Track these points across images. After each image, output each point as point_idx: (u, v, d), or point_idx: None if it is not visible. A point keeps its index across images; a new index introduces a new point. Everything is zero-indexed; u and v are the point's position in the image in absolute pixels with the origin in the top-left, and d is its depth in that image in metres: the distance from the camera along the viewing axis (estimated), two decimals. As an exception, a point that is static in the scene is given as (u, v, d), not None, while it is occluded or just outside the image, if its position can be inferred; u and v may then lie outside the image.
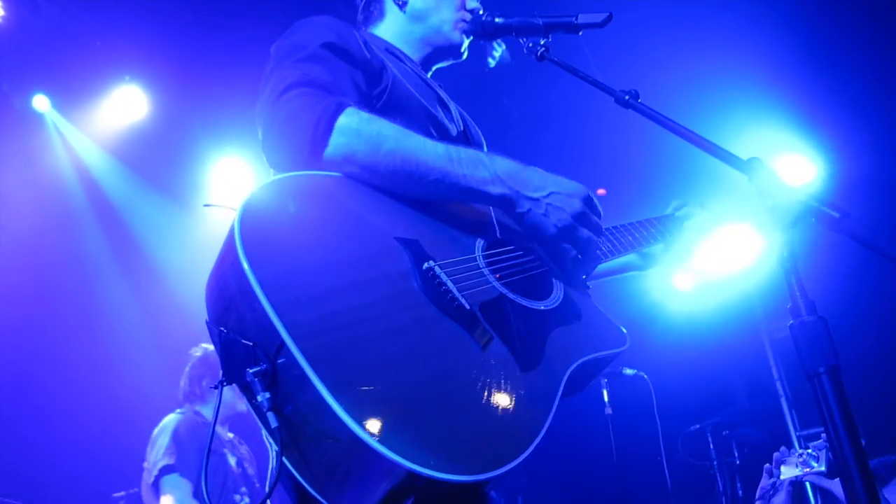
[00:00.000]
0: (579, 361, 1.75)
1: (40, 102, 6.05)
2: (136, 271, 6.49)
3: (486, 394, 1.49)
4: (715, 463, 5.99)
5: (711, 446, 6.08)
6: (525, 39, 2.19)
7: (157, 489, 4.27)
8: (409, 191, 1.79)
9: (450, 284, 1.64)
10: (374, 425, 1.29)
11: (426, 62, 2.41)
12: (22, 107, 6.03)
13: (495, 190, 1.82)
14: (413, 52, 2.37)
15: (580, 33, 2.09)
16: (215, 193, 6.60)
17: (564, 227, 1.86)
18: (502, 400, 1.51)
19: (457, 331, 1.57)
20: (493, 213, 2.02)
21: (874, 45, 5.90)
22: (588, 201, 1.91)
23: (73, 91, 6.15)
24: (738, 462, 5.97)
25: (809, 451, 3.25)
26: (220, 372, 1.49)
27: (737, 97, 5.93)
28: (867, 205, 6.27)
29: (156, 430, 4.55)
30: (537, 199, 1.85)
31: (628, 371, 5.32)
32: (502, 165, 1.85)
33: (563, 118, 6.57)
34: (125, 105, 6.30)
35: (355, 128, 1.73)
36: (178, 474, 4.25)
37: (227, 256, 1.46)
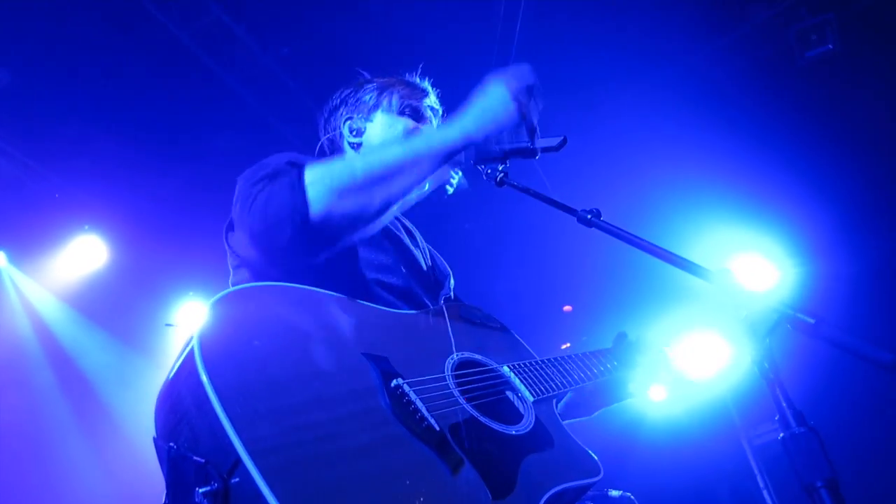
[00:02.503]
0: (553, 491, 1.68)
1: (-4, 258, 5.98)
2: (95, 422, 6.23)
3: None
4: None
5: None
6: (483, 167, 2.22)
7: None
8: (403, 184, 1.81)
9: (419, 404, 1.58)
10: None
11: None
12: (-23, 263, 5.95)
13: (454, 132, 1.90)
14: None
15: (537, 157, 2.13)
16: (178, 337, 6.48)
17: (516, 95, 1.96)
18: None
19: (426, 453, 1.50)
20: (465, 328, 2.01)
21: (833, 140, 6.15)
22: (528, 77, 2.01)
23: (31, 243, 6.11)
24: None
25: None
26: (164, 495, 1.39)
27: (697, 202, 6.09)
28: (840, 299, 6.38)
29: None
30: (490, 93, 1.94)
31: (614, 493, 5.14)
32: (451, 120, 1.95)
33: (524, 238, 6.68)
34: (84, 254, 6.26)
35: (321, 173, 1.73)
36: None
37: (184, 368, 1.38)
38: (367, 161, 1.81)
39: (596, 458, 1.90)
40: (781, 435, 1.33)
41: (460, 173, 2.38)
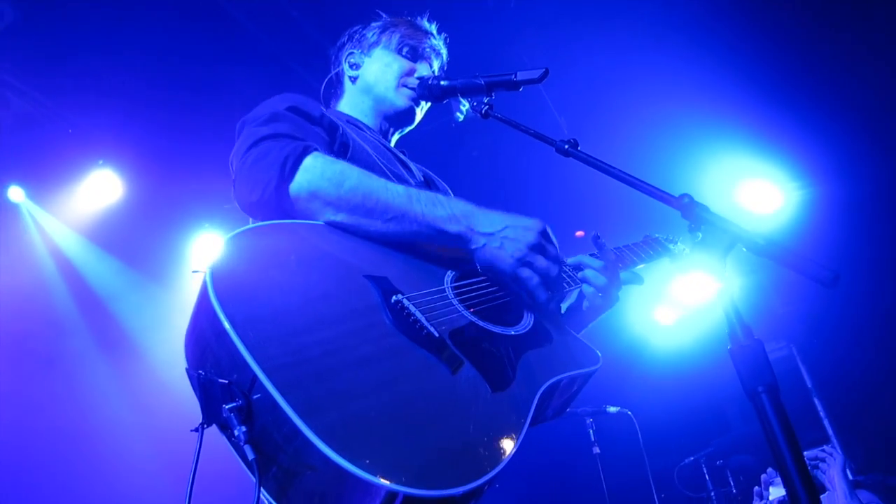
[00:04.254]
0: (552, 380, 1.79)
1: (15, 194, 6.12)
2: (118, 351, 6.47)
3: (457, 413, 1.54)
4: (712, 494, 5.98)
5: (707, 477, 6.07)
6: (470, 99, 2.30)
7: None
8: (371, 228, 1.89)
9: (418, 315, 1.70)
10: (346, 448, 1.33)
11: (384, 131, 2.55)
12: (-3, 199, 6.11)
13: (452, 228, 1.90)
14: (371, 122, 2.52)
15: (520, 89, 2.20)
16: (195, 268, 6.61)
17: (520, 259, 1.89)
18: (474, 419, 1.55)
19: (427, 357, 1.63)
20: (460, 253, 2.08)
21: (832, 69, 6.09)
22: (544, 234, 1.95)
23: (47, 179, 6.25)
24: (734, 491, 5.96)
25: None
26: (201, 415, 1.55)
27: (702, 132, 6.10)
28: (837, 226, 6.43)
29: None
30: (491, 234, 1.91)
31: (612, 409, 5.34)
32: (459, 206, 1.93)
33: (530, 164, 6.71)
34: (100, 189, 6.39)
35: (320, 166, 1.88)
36: None
37: (201, 304, 1.54)
38: (357, 185, 1.88)
39: (596, 350, 2.00)
40: (729, 347, 1.44)
41: (468, 104, 2.43)
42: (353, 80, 2.62)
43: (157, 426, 5.26)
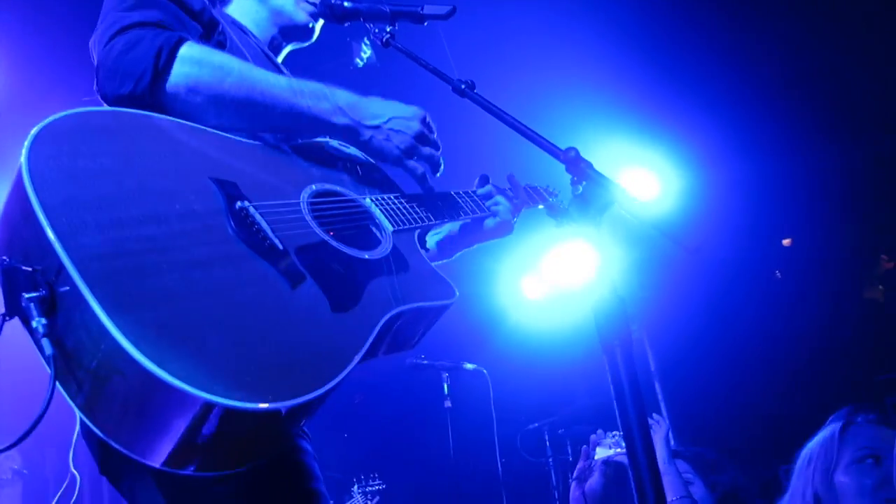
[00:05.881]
0: (399, 308, 1.71)
1: None
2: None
3: (289, 328, 1.45)
4: (550, 460, 6.26)
5: (548, 444, 6.34)
6: (372, 25, 2.22)
7: None
8: (255, 123, 1.81)
9: (263, 224, 1.58)
10: (159, 352, 1.21)
11: (274, 44, 2.40)
12: None
13: (339, 120, 1.91)
14: (260, 33, 2.35)
15: (425, 24, 2.15)
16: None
17: (407, 148, 1.99)
18: (306, 335, 1.47)
19: (266, 269, 1.51)
20: (330, 161, 2.01)
21: (720, 51, 6.35)
22: (425, 122, 2.04)
23: None
24: (571, 458, 6.25)
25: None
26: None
27: (583, 108, 6.21)
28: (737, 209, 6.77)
29: None
30: (378, 126, 1.96)
31: (469, 366, 5.46)
32: (343, 97, 1.93)
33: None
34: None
35: (198, 57, 1.72)
36: None
37: (16, 181, 1.37)
38: (241, 78, 1.77)
39: (453, 284, 1.92)
40: (593, 300, 1.47)
41: (370, 50, 2.36)
42: None
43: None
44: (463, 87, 1.92)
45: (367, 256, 1.79)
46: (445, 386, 5.39)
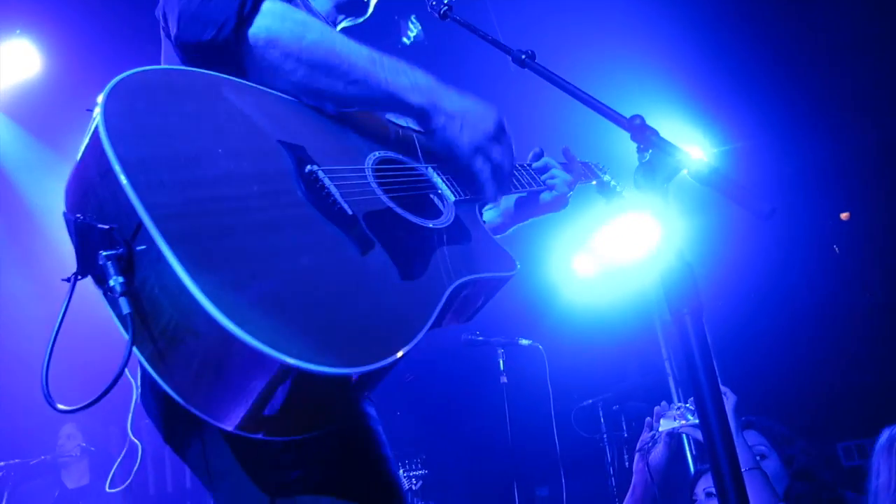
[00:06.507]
0: (464, 279, 1.69)
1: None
2: (29, 242, 6.16)
3: (361, 295, 1.44)
4: (605, 436, 6.24)
5: (602, 420, 6.32)
6: None
7: None
8: (329, 88, 1.75)
9: (332, 189, 1.57)
10: (238, 313, 1.20)
11: (329, 19, 2.40)
12: None
13: (414, 99, 1.82)
14: (319, 6, 2.36)
15: None
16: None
17: (478, 147, 1.88)
18: (378, 302, 1.46)
19: (336, 233, 1.51)
20: (393, 130, 1.98)
21: (771, 39, 6.19)
22: (500, 125, 1.93)
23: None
24: (626, 435, 6.23)
25: (687, 405, 3.39)
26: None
27: (636, 85, 6.11)
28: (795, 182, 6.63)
29: None
30: (453, 115, 1.86)
31: (524, 342, 5.44)
32: (422, 78, 1.85)
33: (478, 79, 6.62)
34: (14, 60, 5.94)
35: (280, 12, 1.70)
36: None
37: (91, 141, 1.35)
38: (321, 38, 1.73)
39: (513, 257, 1.90)
40: (661, 267, 1.45)
41: (419, 26, 2.33)
42: None
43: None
44: (523, 57, 1.90)
45: (431, 225, 1.78)
46: (501, 362, 5.38)
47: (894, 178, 7.13)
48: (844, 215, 7.95)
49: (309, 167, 1.58)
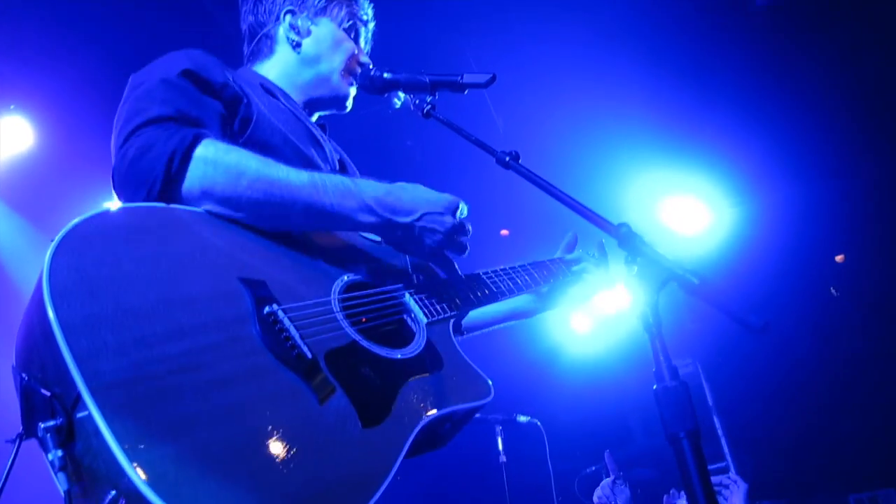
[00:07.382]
0: (433, 416, 1.63)
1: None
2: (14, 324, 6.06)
3: (316, 454, 1.36)
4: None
5: (608, 488, 6.16)
6: (412, 96, 2.21)
7: None
8: (276, 224, 1.73)
9: (292, 331, 1.52)
10: (175, 493, 1.15)
11: (309, 106, 2.37)
12: None
13: (365, 219, 1.81)
14: (296, 94, 2.30)
15: (465, 92, 2.13)
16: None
17: (439, 246, 1.92)
18: (333, 460, 1.38)
19: (293, 381, 1.44)
20: (361, 245, 1.96)
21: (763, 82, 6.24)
22: (457, 213, 1.95)
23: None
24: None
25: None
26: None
27: (632, 142, 6.15)
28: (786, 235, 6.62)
29: None
30: (409, 225, 1.86)
31: (522, 418, 5.35)
32: (369, 191, 1.82)
33: (464, 159, 6.66)
34: (7, 136, 5.96)
35: (212, 158, 1.66)
36: None
37: (35, 296, 1.31)
38: (256, 178, 1.68)
39: (487, 380, 1.84)
40: (655, 387, 1.41)
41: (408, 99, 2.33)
42: (296, 46, 2.31)
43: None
44: (507, 159, 1.88)
45: (399, 356, 1.72)
46: (499, 440, 5.28)
47: (890, 219, 7.14)
48: (839, 258, 7.94)
49: (268, 308, 1.52)
